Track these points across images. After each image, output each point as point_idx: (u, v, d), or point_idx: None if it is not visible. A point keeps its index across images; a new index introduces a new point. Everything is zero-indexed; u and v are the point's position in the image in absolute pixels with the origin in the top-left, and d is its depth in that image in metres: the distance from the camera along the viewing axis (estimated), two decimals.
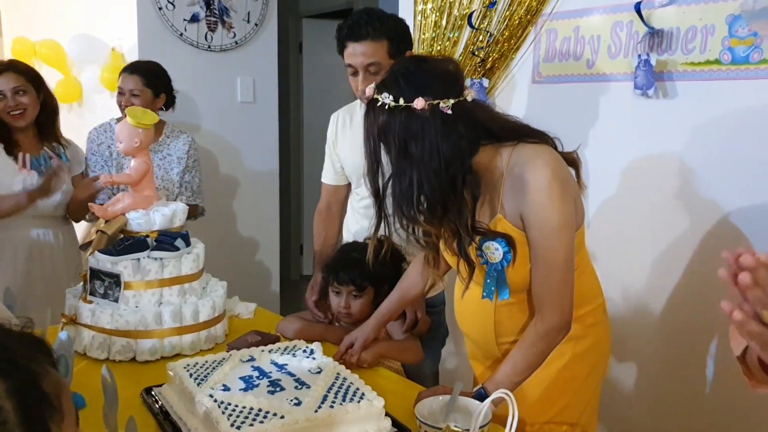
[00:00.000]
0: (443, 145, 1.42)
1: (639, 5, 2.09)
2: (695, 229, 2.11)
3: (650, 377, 2.28)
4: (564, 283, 1.49)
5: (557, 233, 1.46)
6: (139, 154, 2.01)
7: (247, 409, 1.38)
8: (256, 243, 3.84)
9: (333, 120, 2.33)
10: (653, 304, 2.25)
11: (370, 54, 2.00)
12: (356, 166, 2.23)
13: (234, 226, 3.76)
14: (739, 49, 1.96)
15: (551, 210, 1.45)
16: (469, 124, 1.45)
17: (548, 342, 1.52)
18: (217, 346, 1.96)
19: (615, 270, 2.21)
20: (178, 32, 3.48)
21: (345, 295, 1.96)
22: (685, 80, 2.06)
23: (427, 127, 1.42)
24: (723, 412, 2.09)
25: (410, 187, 1.45)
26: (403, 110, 1.43)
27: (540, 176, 1.44)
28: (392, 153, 1.47)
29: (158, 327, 1.87)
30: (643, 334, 2.28)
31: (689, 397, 2.18)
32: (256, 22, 3.67)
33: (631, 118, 2.20)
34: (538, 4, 2.35)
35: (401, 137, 1.44)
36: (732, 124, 2.00)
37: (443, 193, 1.45)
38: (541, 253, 1.48)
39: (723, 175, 2.04)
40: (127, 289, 1.88)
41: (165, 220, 1.97)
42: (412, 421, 1.46)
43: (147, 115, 2.02)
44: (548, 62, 2.39)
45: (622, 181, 2.24)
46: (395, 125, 1.44)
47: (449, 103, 1.42)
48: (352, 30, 2.02)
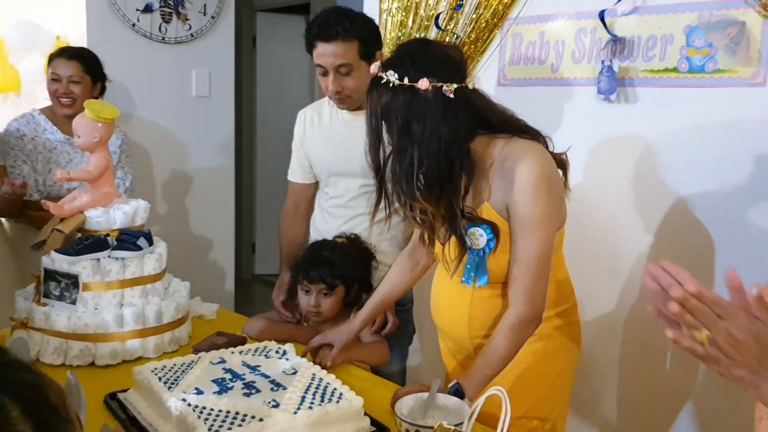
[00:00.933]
0: (443, 128, 1.46)
1: (603, 13, 2.14)
2: (654, 229, 2.18)
3: (618, 372, 2.35)
4: (538, 277, 1.53)
5: (538, 228, 1.50)
6: (98, 150, 1.93)
7: (224, 413, 1.36)
8: (210, 241, 3.77)
9: (300, 117, 2.30)
10: (615, 301, 2.31)
11: (340, 55, 1.98)
12: (325, 165, 2.21)
13: (187, 224, 3.68)
14: (696, 59, 2.03)
15: (536, 205, 1.49)
16: (468, 111, 1.49)
17: (520, 333, 1.55)
18: (182, 348, 1.92)
19: (576, 270, 2.26)
20: (131, 22, 3.38)
21: (315, 293, 1.95)
22: (646, 86, 2.13)
23: (429, 108, 1.45)
24: (683, 399, 2.18)
25: (410, 165, 1.48)
26: (407, 89, 1.45)
27: (529, 171, 1.48)
28: (394, 131, 1.50)
29: (119, 329, 1.81)
30: (605, 332, 2.34)
31: (653, 389, 2.25)
32: (213, 15, 3.60)
33: (593, 122, 2.26)
34: (504, 8, 2.38)
35: (404, 116, 1.47)
36: (688, 129, 2.07)
37: (441, 175, 1.48)
38: (520, 245, 1.51)
39: (680, 176, 2.11)
40: (85, 291, 1.81)
41: (126, 219, 1.91)
42: (388, 419, 1.47)
43: (107, 108, 1.95)
44: (514, 65, 2.42)
45: (583, 182, 2.28)
46: (398, 104, 1.47)
47: (452, 87, 1.46)
48: (321, 30, 1.99)
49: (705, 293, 0.95)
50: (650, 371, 2.25)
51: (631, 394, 2.32)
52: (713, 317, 0.95)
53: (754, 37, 1.92)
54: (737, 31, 1.94)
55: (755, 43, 1.92)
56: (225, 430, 1.30)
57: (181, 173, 3.63)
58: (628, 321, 2.29)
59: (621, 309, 2.30)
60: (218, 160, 3.75)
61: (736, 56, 1.95)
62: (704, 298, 0.95)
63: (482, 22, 2.41)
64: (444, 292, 1.73)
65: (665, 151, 2.13)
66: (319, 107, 2.27)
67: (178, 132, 3.59)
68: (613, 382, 2.36)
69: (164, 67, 3.50)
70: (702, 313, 0.95)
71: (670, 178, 2.13)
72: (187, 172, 3.65)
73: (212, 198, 3.74)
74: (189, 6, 3.53)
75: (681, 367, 2.18)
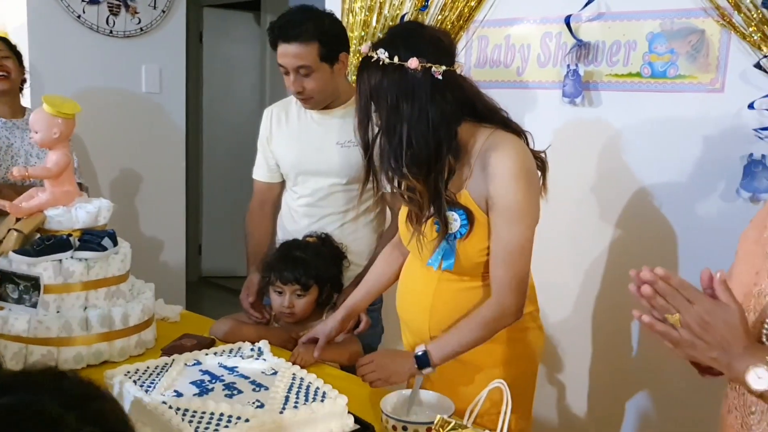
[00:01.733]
0: (432, 108, 1.48)
1: (568, 18, 2.19)
2: (617, 229, 2.25)
3: (584, 369, 2.41)
4: (522, 269, 1.55)
5: (519, 218, 1.52)
6: (57, 146, 1.85)
7: (208, 414, 1.34)
8: (161, 242, 3.66)
9: (266, 115, 2.27)
10: (578, 299, 2.37)
11: (299, 56, 1.97)
12: (294, 164, 2.19)
13: (136, 224, 3.57)
14: (658, 64, 2.10)
15: (516, 196, 1.51)
16: (456, 94, 1.52)
17: (499, 323, 1.57)
18: (148, 351, 1.86)
19: (540, 269, 2.31)
20: (75, 14, 3.25)
21: (288, 294, 1.92)
22: (610, 90, 2.19)
23: (418, 87, 1.47)
24: (649, 387, 2.27)
25: (399, 144, 1.50)
26: (396, 68, 1.48)
27: (509, 163, 1.51)
28: (383, 110, 1.52)
29: (85, 333, 1.74)
30: (569, 330, 2.40)
31: (618, 385, 2.32)
32: (164, 9, 3.51)
33: (558, 124, 2.31)
34: (470, 10, 2.40)
35: (393, 95, 1.49)
36: (650, 131, 2.15)
37: (429, 154, 1.50)
38: (502, 236, 1.53)
39: (643, 177, 2.18)
40: (46, 293, 1.73)
41: (89, 218, 1.84)
42: (366, 416, 1.47)
43: (67, 103, 1.88)
44: (479, 68, 2.45)
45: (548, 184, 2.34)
46: (388, 83, 1.49)
47: (441, 69, 1.48)
48: (282, 30, 1.98)
49: (673, 278, 1.03)
50: (617, 359, 2.32)
51: (598, 390, 2.38)
52: (684, 301, 1.03)
53: (713, 44, 2.00)
54: (697, 39, 2.03)
55: (714, 51, 2.01)
56: (211, 431, 1.27)
57: (131, 171, 3.52)
58: (596, 314, 2.35)
59: (582, 305, 2.36)
60: (168, 159, 3.66)
61: (696, 63, 2.04)
62: (672, 281, 1.03)
63: (448, 24, 2.43)
64: (410, 278, 1.74)
65: (628, 152, 2.20)
66: (287, 105, 2.24)
67: (128, 129, 3.48)
68: (581, 380, 2.42)
69: (112, 61, 3.39)
70: (672, 296, 1.03)
71: (631, 177, 2.20)
72: (137, 170, 3.55)
73: (162, 198, 3.65)
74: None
75: (647, 355, 2.25)
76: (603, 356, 2.36)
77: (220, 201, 5.26)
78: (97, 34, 3.33)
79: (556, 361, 2.44)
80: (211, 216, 5.31)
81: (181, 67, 3.64)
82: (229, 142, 5.15)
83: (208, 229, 5.34)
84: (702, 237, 2.09)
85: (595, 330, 2.36)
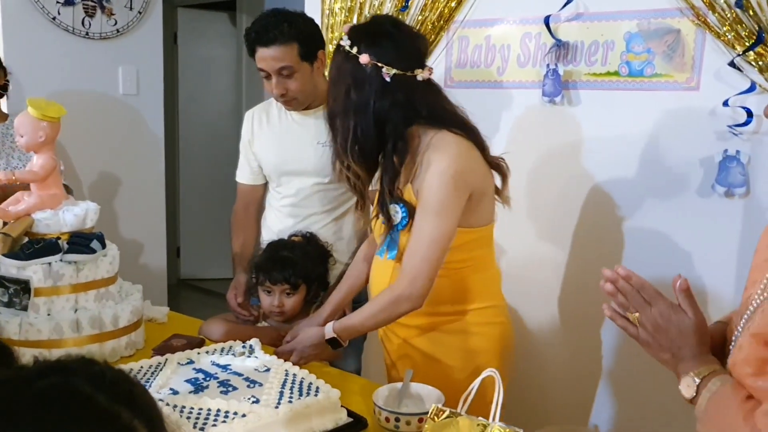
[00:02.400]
0: (377, 104, 1.57)
1: (548, 19, 2.23)
2: (595, 225, 2.30)
3: (557, 366, 2.46)
4: (424, 261, 1.59)
5: (435, 215, 1.58)
6: (43, 150, 1.86)
7: (205, 411, 1.36)
8: (141, 245, 3.63)
9: (248, 117, 2.29)
10: (553, 296, 2.42)
11: (280, 58, 2.01)
12: (276, 165, 2.20)
13: (116, 227, 3.54)
14: (635, 63, 2.16)
15: (437, 193, 1.57)
16: (407, 98, 1.58)
17: (395, 306, 1.63)
18: (138, 352, 1.87)
19: (518, 265, 2.38)
20: (51, 15, 3.22)
21: (278, 294, 1.95)
22: (588, 89, 2.24)
23: (368, 82, 1.58)
24: (616, 388, 2.32)
25: (347, 129, 1.60)
26: (352, 58, 1.59)
27: (440, 164, 1.57)
28: (340, 92, 1.61)
29: (75, 335, 1.75)
30: (543, 324, 2.44)
31: (589, 380, 2.37)
32: (140, 10, 3.48)
33: (538, 124, 2.36)
34: (450, 11, 2.43)
35: (347, 81, 1.60)
36: (629, 130, 2.20)
37: (372, 149, 1.60)
38: (417, 227, 1.60)
39: (621, 174, 2.23)
40: (36, 296, 1.74)
41: (77, 221, 1.85)
42: (358, 410, 1.50)
43: (52, 106, 1.88)
44: (460, 68, 2.49)
45: (528, 182, 2.38)
46: (346, 69, 1.60)
47: (391, 72, 1.56)
48: (259, 35, 2.01)
49: (634, 277, 1.09)
50: (585, 353, 2.38)
51: (570, 385, 2.44)
52: (642, 302, 1.09)
53: (689, 44, 2.06)
54: (673, 39, 2.08)
55: (689, 50, 2.06)
56: (210, 426, 1.29)
57: (109, 174, 3.49)
58: (564, 311, 2.41)
59: (557, 300, 2.42)
60: (147, 161, 3.63)
61: (672, 62, 2.09)
62: (633, 281, 1.09)
63: (428, 24, 2.46)
64: (374, 269, 1.82)
65: (607, 150, 2.24)
66: (267, 107, 2.27)
67: (105, 131, 3.45)
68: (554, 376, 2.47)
69: (89, 63, 3.35)
70: (632, 295, 1.09)
71: (610, 174, 2.25)
72: (115, 173, 3.52)
73: (142, 200, 3.62)
74: (114, 1, 3.40)
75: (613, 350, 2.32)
76: (581, 352, 2.41)
77: (197, 203, 5.23)
78: (73, 36, 3.29)
79: (537, 357, 2.48)
80: (189, 218, 5.28)
81: (158, 69, 3.61)
82: (206, 143, 5.13)
83: (186, 231, 5.31)
84: (679, 232, 2.15)
85: (571, 326, 2.41)
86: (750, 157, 2.00)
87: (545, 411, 2.47)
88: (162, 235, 3.75)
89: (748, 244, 2.04)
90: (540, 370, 2.47)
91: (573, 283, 2.38)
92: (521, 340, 2.43)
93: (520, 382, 2.46)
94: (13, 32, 3.10)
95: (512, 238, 2.38)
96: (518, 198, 2.38)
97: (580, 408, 2.41)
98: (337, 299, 1.92)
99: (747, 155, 2.00)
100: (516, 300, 2.42)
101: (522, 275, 2.39)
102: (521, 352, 2.43)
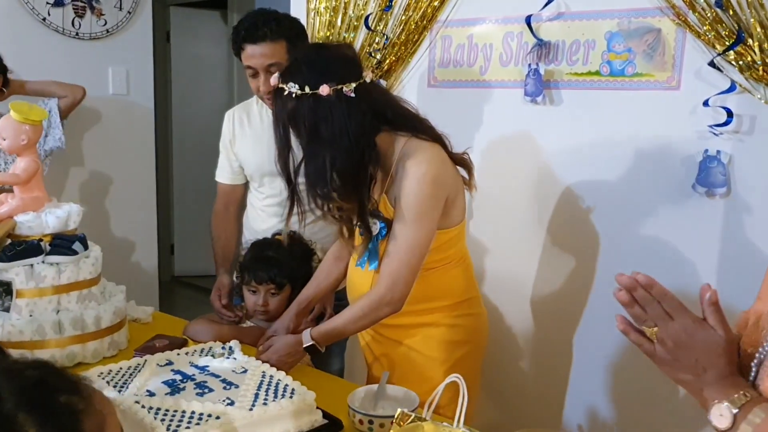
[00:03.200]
0: (351, 124, 1.54)
1: (529, 18, 2.24)
2: (576, 224, 2.30)
3: (532, 361, 2.48)
4: (405, 266, 1.62)
5: (414, 221, 1.59)
6: (26, 153, 1.88)
7: (180, 413, 1.36)
8: (132, 243, 3.66)
9: (228, 117, 2.30)
10: (530, 293, 2.44)
11: (270, 55, 2.03)
12: (259, 165, 2.22)
13: (108, 226, 3.56)
14: (616, 63, 2.16)
15: (416, 200, 1.58)
16: (370, 103, 1.57)
17: (376, 310, 1.65)
18: (121, 352, 1.89)
19: (497, 263, 2.42)
20: (41, 16, 3.24)
21: (263, 293, 1.97)
22: (570, 89, 2.25)
23: (334, 110, 1.53)
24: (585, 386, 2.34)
25: (323, 166, 1.55)
26: (309, 97, 1.53)
27: (417, 170, 1.58)
28: (303, 137, 1.57)
29: (57, 336, 1.77)
30: (520, 322, 2.47)
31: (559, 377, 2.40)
32: (129, 10, 3.50)
33: (520, 123, 2.36)
34: (433, 10, 2.44)
35: (311, 121, 1.55)
36: (610, 129, 2.20)
37: (354, 168, 1.57)
38: (395, 233, 1.61)
39: (601, 173, 2.23)
40: (19, 298, 1.76)
41: (59, 223, 1.86)
42: (336, 412, 1.50)
43: (34, 110, 1.90)
44: (443, 67, 2.49)
45: (509, 181, 2.40)
46: (304, 110, 1.54)
47: (351, 87, 1.54)
48: (249, 32, 2.03)
49: (656, 286, 0.95)
50: (558, 361, 2.40)
51: (543, 380, 2.46)
52: (662, 314, 0.95)
53: (669, 43, 2.06)
54: (654, 38, 2.08)
55: (670, 50, 2.06)
56: (183, 429, 1.30)
57: (100, 174, 3.51)
58: (539, 309, 2.43)
59: (534, 298, 2.44)
60: (138, 160, 3.65)
61: (653, 61, 2.09)
62: (653, 290, 0.94)
63: (411, 24, 2.47)
64: (351, 276, 1.83)
65: (587, 149, 2.25)
66: (248, 107, 2.28)
67: (96, 131, 3.47)
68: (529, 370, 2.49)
69: (79, 64, 3.37)
70: (651, 306, 0.95)
71: (591, 174, 2.26)
72: (107, 172, 3.54)
73: (133, 199, 3.65)
74: (103, 1, 3.41)
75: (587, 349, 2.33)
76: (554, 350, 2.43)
77: (191, 200, 5.25)
78: (63, 37, 3.31)
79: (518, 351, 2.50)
80: (182, 215, 5.31)
81: (148, 69, 3.63)
82: (199, 140, 5.15)
83: (180, 228, 5.34)
84: (659, 232, 2.15)
85: (549, 321, 2.43)
86: (731, 156, 2.00)
87: (519, 409, 2.50)
88: (153, 233, 3.77)
89: (728, 244, 2.04)
90: (516, 368, 2.50)
91: (552, 280, 2.39)
92: (500, 338, 2.46)
93: (499, 381, 2.49)
94: (4, 33, 3.12)
95: (490, 236, 2.43)
96: (498, 196, 2.42)
97: (554, 405, 2.43)
98: (304, 298, 1.93)
99: (728, 155, 2.00)
100: (492, 294, 2.46)
101: (501, 271, 2.43)
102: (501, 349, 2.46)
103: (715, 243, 2.06)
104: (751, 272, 1.81)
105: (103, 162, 3.51)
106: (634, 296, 0.96)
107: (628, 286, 0.95)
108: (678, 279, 2.09)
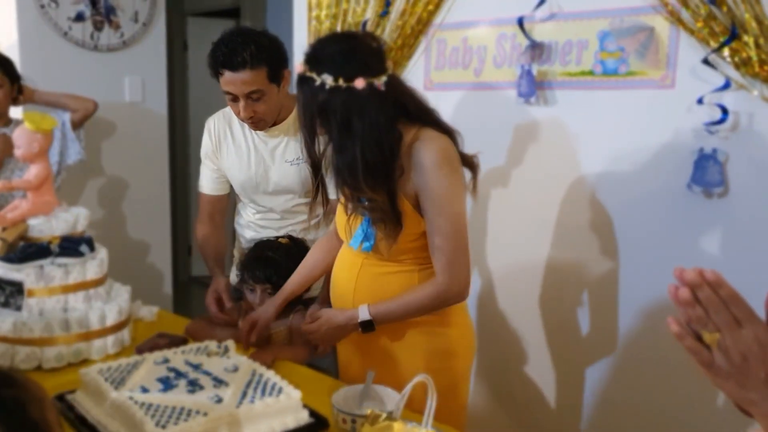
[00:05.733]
0: (381, 118, 1.53)
1: (521, 19, 2.26)
2: (572, 224, 2.32)
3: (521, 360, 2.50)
4: (457, 251, 1.62)
5: (451, 203, 1.59)
6: (37, 160, 1.98)
7: (169, 409, 1.41)
8: (148, 245, 3.77)
9: (209, 128, 2.25)
10: (524, 293, 2.46)
11: (250, 82, 1.95)
12: (242, 184, 2.21)
13: (124, 228, 3.68)
14: (609, 62, 2.17)
15: (441, 186, 1.58)
16: (396, 97, 1.57)
17: (441, 301, 1.66)
18: (125, 349, 1.96)
19: (495, 264, 2.45)
20: (62, 31, 3.36)
21: (260, 292, 2.02)
22: (563, 88, 2.26)
23: (367, 104, 1.52)
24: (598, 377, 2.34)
25: (354, 160, 1.53)
26: (344, 90, 1.51)
27: (431, 154, 1.57)
28: (333, 130, 1.55)
29: (65, 333, 1.85)
30: (520, 322, 2.49)
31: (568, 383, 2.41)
32: (144, 22, 3.60)
33: (514, 123, 2.39)
34: (428, 14, 2.48)
35: (343, 115, 1.52)
36: (604, 128, 2.21)
37: (384, 162, 1.55)
38: (436, 223, 1.60)
39: (596, 173, 2.25)
40: (29, 297, 1.85)
41: (67, 226, 1.96)
42: (326, 410, 1.53)
43: (46, 119, 2.01)
44: (439, 70, 2.53)
45: (503, 181, 2.42)
46: (336, 104, 1.52)
47: (382, 80, 1.53)
48: (228, 58, 1.94)
49: (725, 286, 0.81)
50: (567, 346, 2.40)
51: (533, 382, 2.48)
52: (730, 320, 0.81)
53: (662, 41, 2.05)
54: (646, 36, 2.08)
55: (663, 47, 2.05)
56: (171, 425, 1.35)
57: (117, 178, 3.62)
58: (544, 313, 2.44)
59: (528, 298, 2.45)
60: (153, 164, 3.76)
61: (646, 59, 2.09)
62: (723, 290, 0.81)
63: (408, 28, 2.51)
64: (339, 263, 1.81)
65: (581, 148, 2.26)
66: (229, 120, 2.22)
67: (113, 138, 3.59)
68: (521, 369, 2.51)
69: (97, 74, 3.49)
70: (716, 310, 0.81)
71: (585, 174, 2.27)
72: (123, 177, 3.65)
73: (148, 202, 3.75)
74: (120, 14, 3.52)
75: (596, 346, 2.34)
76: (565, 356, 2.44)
77: None
78: (82, 50, 3.43)
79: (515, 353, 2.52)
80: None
81: (162, 77, 3.74)
82: None
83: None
84: (655, 232, 2.14)
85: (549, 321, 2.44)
86: (728, 155, 1.97)
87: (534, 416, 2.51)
88: (167, 236, 3.88)
89: (726, 243, 2.02)
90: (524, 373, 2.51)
91: (549, 281, 2.39)
92: (508, 345, 2.48)
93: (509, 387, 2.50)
94: (29, 48, 3.26)
95: (484, 236, 2.45)
96: (492, 196, 2.45)
97: (568, 412, 2.43)
98: (290, 289, 1.94)
99: (725, 153, 1.97)
100: (485, 295, 2.48)
101: (496, 272, 2.46)
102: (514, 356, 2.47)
103: (713, 243, 2.04)
104: (750, 272, 1.82)
105: (119, 167, 3.63)
106: (698, 296, 0.82)
107: (693, 284, 0.82)
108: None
